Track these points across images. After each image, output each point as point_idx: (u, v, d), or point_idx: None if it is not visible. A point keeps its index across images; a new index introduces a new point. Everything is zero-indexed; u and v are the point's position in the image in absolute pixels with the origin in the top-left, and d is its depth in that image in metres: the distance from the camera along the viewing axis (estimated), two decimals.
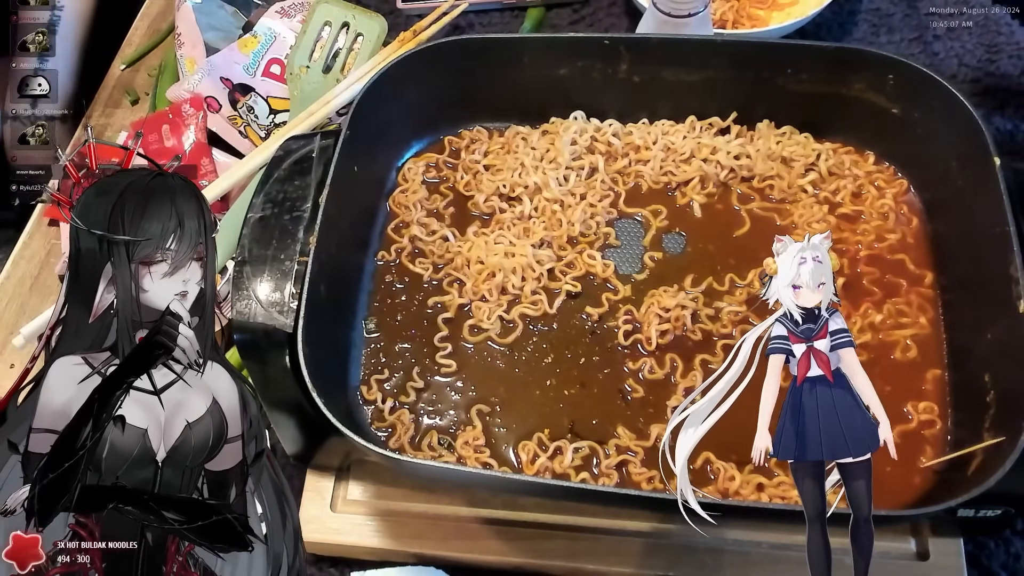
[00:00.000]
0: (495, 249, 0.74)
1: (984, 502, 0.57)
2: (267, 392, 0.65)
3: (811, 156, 0.78)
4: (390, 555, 0.69)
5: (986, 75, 0.94)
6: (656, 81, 0.79)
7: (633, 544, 0.67)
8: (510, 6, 1.03)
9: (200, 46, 0.93)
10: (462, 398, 0.69)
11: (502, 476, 0.63)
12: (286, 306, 0.62)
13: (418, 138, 0.83)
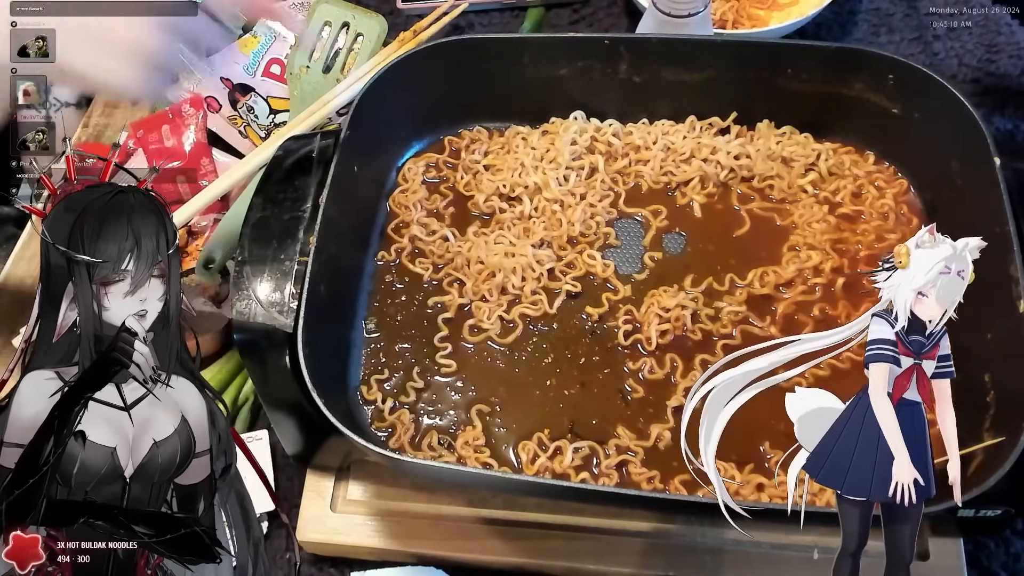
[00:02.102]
0: (495, 249, 0.74)
1: (984, 502, 0.57)
2: (267, 392, 0.65)
3: (811, 156, 0.78)
4: (390, 555, 0.69)
5: (986, 75, 0.94)
6: (656, 81, 0.79)
7: (633, 544, 0.67)
8: (510, 6, 1.03)
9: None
10: (462, 398, 0.69)
11: (502, 476, 0.63)
12: (286, 306, 0.62)
13: (418, 138, 0.83)
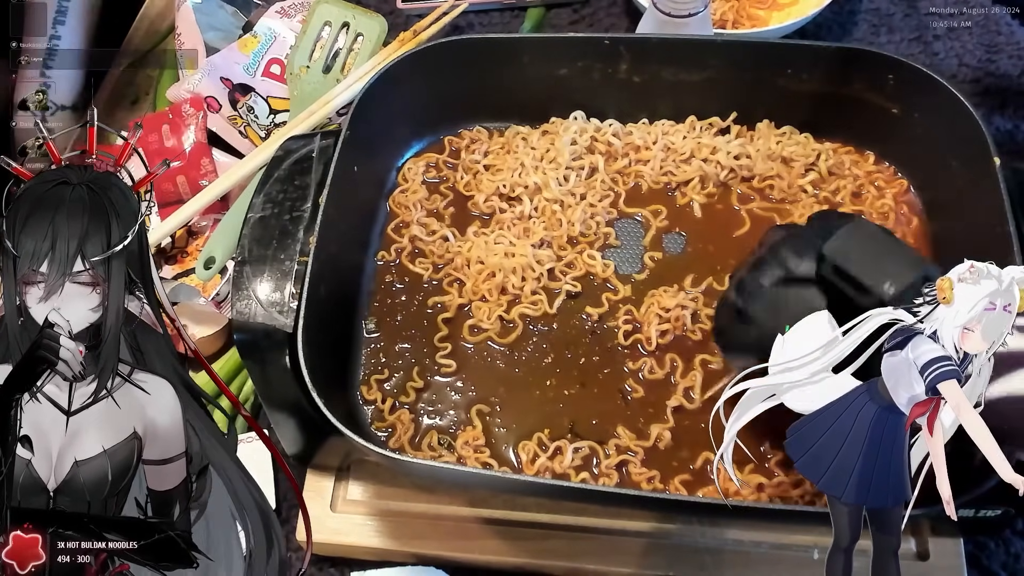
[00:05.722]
0: (495, 249, 0.74)
1: (984, 502, 0.57)
2: (267, 392, 0.65)
3: (811, 156, 0.78)
4: (390, 555, 0.69)
5: (986, 75, 0.94)
6: (656, 81, 0.79)
7: (633, 544, 0.67)
8: (510, 6, 1.03)
9: (200, 46, 0.93)
10: (462, 398, 0.69)
11: (502, 476, 0.63)
12: (286, 306, 0.62)
13: (418, 138, 0.83)
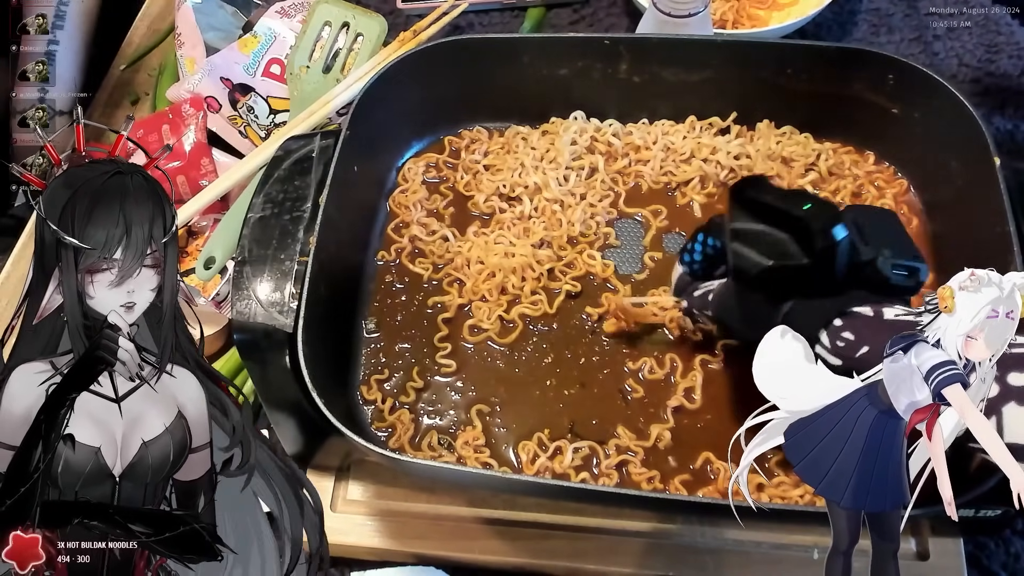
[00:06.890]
0: (495, 249, 0.74)
1: (984, 502, 0.57)
2: (267, 392, 0.65)
3: (811, 156, 0.78)
4: (390, 555, 0.69)
5: (986, 75, 0.94)
6: (656, 81, 0.79)
7: (633, 544, 0.67)
8: (510, 6, 1.03)
9: (200, 46, 0.93)
10: (462, 398, 0.69)
11: (502, 476, 0.63)
12: (286, 306, 0.62)
13: (418, 138, 0.83)
